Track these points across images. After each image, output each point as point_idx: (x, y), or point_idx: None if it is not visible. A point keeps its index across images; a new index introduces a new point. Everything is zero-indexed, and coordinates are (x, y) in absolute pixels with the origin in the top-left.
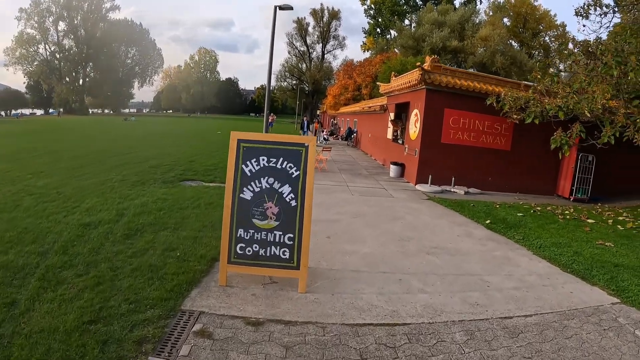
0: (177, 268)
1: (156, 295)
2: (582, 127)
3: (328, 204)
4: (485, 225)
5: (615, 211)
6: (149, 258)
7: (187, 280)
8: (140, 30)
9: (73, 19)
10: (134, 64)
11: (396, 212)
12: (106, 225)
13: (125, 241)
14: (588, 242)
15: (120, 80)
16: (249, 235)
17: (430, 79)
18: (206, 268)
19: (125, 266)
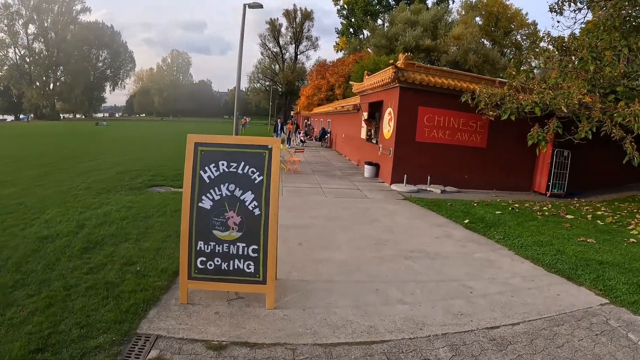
0: (136, 285)
1: (110, 317)
2: (558, 122)
3: (301, 207)
4: (464, 225)
5: (593, 205)
6: (107, 274)
7: (145, 298)
8: (111, 32)
9: (43, 22)
10: (106, 67)
11: (372, 214)
12: (64, 238)
13: (82, 255)
14: (569, 239)
15: (91, 84)
16: (209, 248)
17: (403, 76)
18: (167, 284)
19: (80, 284)
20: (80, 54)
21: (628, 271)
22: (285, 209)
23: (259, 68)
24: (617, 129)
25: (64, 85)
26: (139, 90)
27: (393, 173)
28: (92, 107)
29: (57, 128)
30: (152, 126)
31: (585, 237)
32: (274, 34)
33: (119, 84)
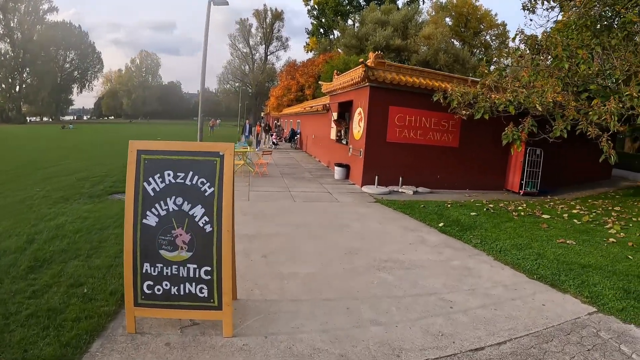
0: (80, 311)
1: (49, 352)
2: (533, 121)
3: (267, 214)
4: (438, 229)
5: (568, 204)
6: (51, 298)
7: (90, 328)
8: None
9: (9, 22)
10: (73, 69)
11: (342, 219)
12: (11, 255)
13: (28, 276)
14: (548, 240)
15: (58, 86)
16: (157, 270)
17: (374, 75)
18: (115, 309)
19: (22, 311)
20: (47, 54)
21: (612, 274)
22: (251, 216)
23: (229, 69)
24: (592, 128)
25: (30, 87)
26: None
27: (364, 174)
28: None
29: (21, 132)
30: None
31: (564, 238)
32: (244, 35)
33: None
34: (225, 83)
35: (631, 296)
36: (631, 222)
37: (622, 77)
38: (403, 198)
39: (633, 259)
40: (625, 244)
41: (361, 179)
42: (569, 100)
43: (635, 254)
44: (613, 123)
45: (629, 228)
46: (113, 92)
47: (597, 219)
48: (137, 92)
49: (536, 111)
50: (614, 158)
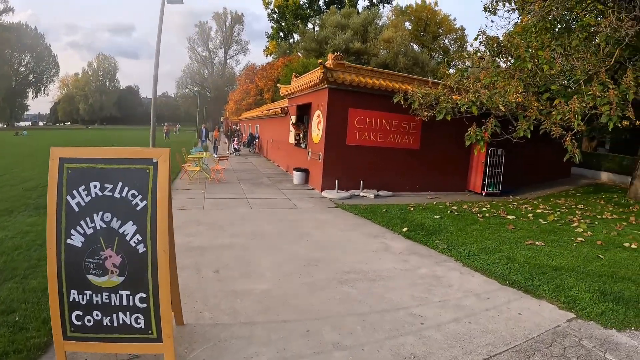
0: (9, 343)
1: None
2: (496, 121)
3: (222, 223)
4: (403, 235)
5: (531, 203)
6: None
7: None
8: (35, 34)
9: None
10: (28, 72)
11: (301, 227)
12: None
13: None
14: (517, 242)
15: (13, 91)
16: (85, 298)
17: (332, 77)
18: (47, 340)
19: None
20: (2, 57)
21: (586, 276)
22: (205, 226)
23: (187, 73)
24: (556, 127)
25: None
26: (63, 96)
27: (323, 179)
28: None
29: None
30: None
31: (532, 239)
32: (203, 38)
33: (42, 91)
34: (184, 87)
35: (608, 299)
36: (596, 220)
37: (582, 78)
38: (364, 202)
39: (604, 259)
40: (594, 242)
41: (321, 184)
42: (531, 101)
43: (605, 252)
44: (577, 122)
45: (595, 226)
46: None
47: (562, 218)
48: (94, 97)
49: (499, 112)
50: (579, 157)
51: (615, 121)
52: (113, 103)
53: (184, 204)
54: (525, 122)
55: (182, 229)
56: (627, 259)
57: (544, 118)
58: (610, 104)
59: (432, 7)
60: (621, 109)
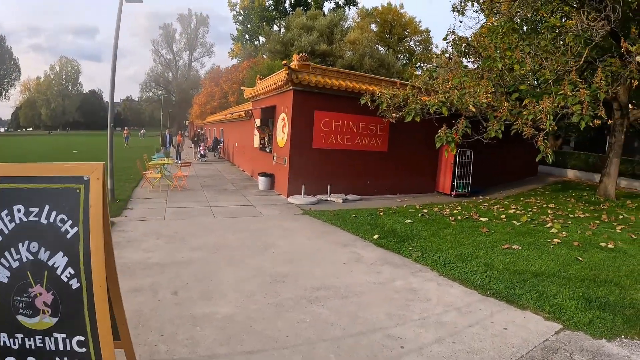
0: None
1: None
2: (467, 122)
3: (183, 235)
4: (374, 242)
5: (502, 203)
6: None
7: None
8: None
9: None
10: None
11: (267, 237)
12: None
13: None
14: (493, 247)
15: None
16: (17, 342)
17: (298, 78)
18: None
19: None
20: None
21: (568, 281)
22: (165, 239)
23: (151, 76)
24: (528, 127)
25: None
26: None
27: (289, 184)
28: None
29: None
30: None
31: (508, 242)
32: (168, 40)
33: (3, 95)
34: (147, 91)
35: (594, 305)
36: (569, 220)
37: (551, 77)
38: (333, 207)
39: (583, 261)
40: (571, 244)
41: (287, 189)
42: (501, 101)
43: (584, 254)
44: (549, 122)
45: (569, 226)
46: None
47: (535, 218)
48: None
49: (469, 112)
50: (552, 157)
51: (587, 120)
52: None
53: (144, 214)
54: (496, 122)
55: (141, 243)
56: (606, 260)
57: (514, 118)
58: (582, 104)
59: (398, 9)
60: (593, 109)
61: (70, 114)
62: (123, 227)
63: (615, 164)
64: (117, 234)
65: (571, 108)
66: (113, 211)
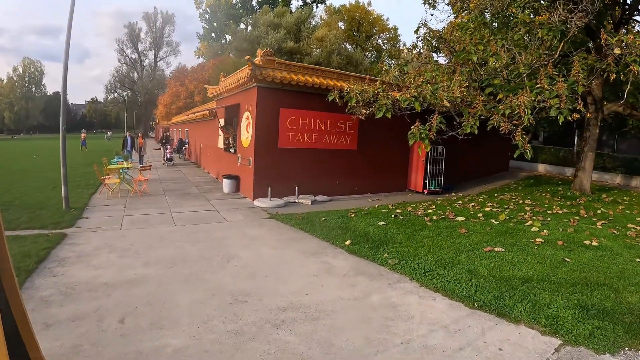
0: None
1: None
2: (441, 118)
3: (138, 247)
4: (346, 249)
5: (477, 200)
6: None
7: None
8: None
9: None
10: None
11: (229, 247)
12: None
13: None
14: (474, 250)
15: None
16: None
17: (262, 74)
18: None
19: None
20: None
21: (559, 287)
22: (118, 253)
23: (116, 76)
24: (505, 122)
25: None
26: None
27: (255, 186)
28: None
29: None
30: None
31: (489, 244)
32: (133, 39)
33: None
34: (112, 92)
35: (591, 314)
36: (548, 216)
37: (525, 71)
38: (301, 210)
39: (571, 262)
40: (554, 243)
41: (252, 192)
42: (475, 96)
43: (570, 254)
44: (527, 117)
45: (549, 223)
46: None
47: (513, 216)
48: (19, 104)
49: (443, 107)
50: (530, 153)
51: (565, 114)
52: (40, 110)
53: (99, 224)
54: (471, 117)
55: (92, 259)
56: (594, 260)
57: (490, 113)
58: (560, 97)
59: (366, 7)
60: (571, 102)
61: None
62: (75, 240)
63: (590, 158)
64: (67, 248)
65: (548, 102)
66: (66, 221)
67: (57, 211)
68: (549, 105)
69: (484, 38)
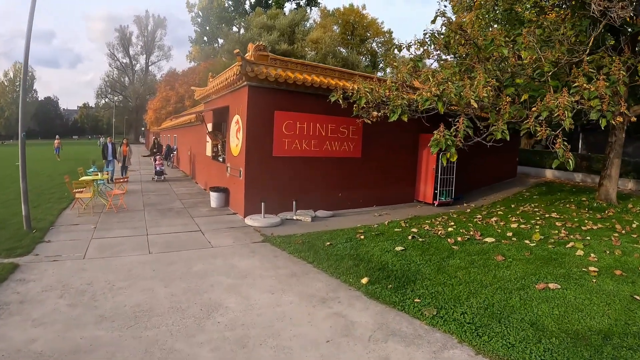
0: None
1: None
2: (468, 121)
3: (97, 288)
4: (364, 291)
5: (496, 213)
6: None
7: None
8: None
9: None
10: None
11: (212, 290)
12: None
13: None
14: (524, 288)
15: None
16: None
17: (253, 71)
18: None
19: None
20: None
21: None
22: (69, 298)
23: (107, 81)
24: (543, 127)
25: None
26: None
27: (246, 201)
28: None
29: None
30: None
31: (539, 278)
32: (124, 43)
33: None
34: (103, 97)
35: None
36: (585, 234)
37: (550, 70)
38: (300, 229)
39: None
40: (611, 272)
41: (243, 207)
42: (502, 97)
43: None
44: (568, 120)
45: (591, 243)
46: None
47: (547, 234)
48: (10, 109)
49: (469, 109)
50: (572, 163)
51: (609, 117)
52: (31, 116)
53: (60, 250)
54: (501, 121)
55: (35, 307)
56: None
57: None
58: (601, 98)
59: (360, 10)
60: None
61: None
62: (26, 274)
63: (616, 165)
64: (13, 287)
65: (587, 103)
66: (23, 247)
67: (15, 233)
68: (588, 106)
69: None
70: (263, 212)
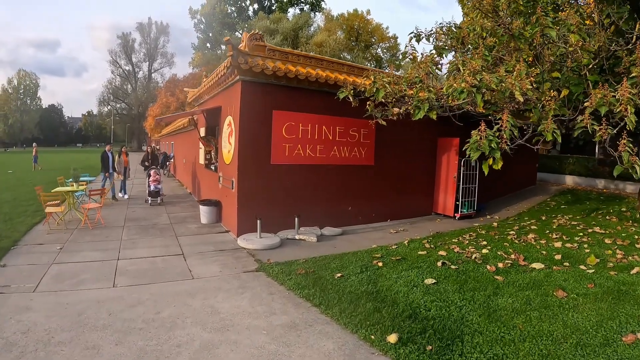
0: None
1: None
2: (513, 120)
3: (28, 342)
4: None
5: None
6: None
7: None
8: None
9: None
10: None
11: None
12: None
13: None
14: (608, 342)
15: None
16: None
17: (247, 63)
18: None
19: None
20: None
21: None
22: None
23: (110, 89)
24: (603, 127)
25: None
26: None
27: (240, 218)
28: None
29: None
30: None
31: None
32: (126, 50)
33: None
34: (105, 104)
35: None
36: None
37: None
38: (303, 253)
39: None
40: None
41: (236, 224)
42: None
43: None
44: (632, 117)
45: None
46: None
47: (602, 256)
48: (14, 117)
49: (513, 104)
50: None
51: None
52: (35, 123)
53: (12, 278)
54: (551, 121)
55: None
56: None
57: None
58: None
59: (365, 15)
60: None
61: (29, 130)
62: None
63: None
64: None
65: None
66: None
67: None
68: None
69: None
70: (259, 231)
